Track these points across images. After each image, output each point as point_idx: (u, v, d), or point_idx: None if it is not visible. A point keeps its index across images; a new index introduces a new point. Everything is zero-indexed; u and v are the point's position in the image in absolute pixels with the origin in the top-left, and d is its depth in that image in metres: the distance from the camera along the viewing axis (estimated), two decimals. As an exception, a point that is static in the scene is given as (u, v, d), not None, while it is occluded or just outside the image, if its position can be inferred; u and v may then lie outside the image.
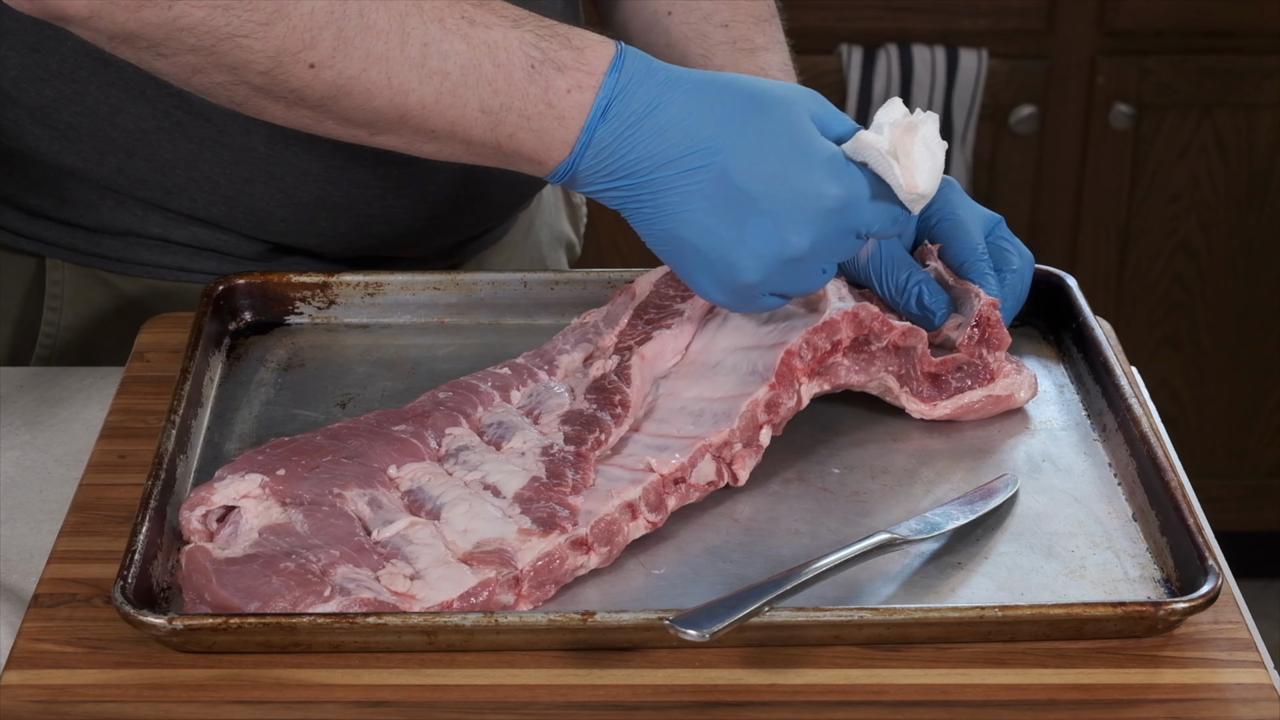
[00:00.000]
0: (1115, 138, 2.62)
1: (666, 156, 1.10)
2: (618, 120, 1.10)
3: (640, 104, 1.10)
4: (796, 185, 1.10)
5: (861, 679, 1.00)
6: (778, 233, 1.10)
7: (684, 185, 1.10)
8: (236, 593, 1.01)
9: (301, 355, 1.28)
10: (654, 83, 1.11)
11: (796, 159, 1.10)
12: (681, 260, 1.13)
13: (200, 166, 1.32)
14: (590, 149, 1.10)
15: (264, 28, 1.04)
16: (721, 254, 1.11)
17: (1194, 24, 2.58)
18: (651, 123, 1.10)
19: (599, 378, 1.17)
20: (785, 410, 1.14)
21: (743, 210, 1.10)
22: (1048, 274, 1.31)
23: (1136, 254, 2.69)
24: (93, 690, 0.99)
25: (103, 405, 1.27)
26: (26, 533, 1.16)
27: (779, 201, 1.10)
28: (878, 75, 2.55)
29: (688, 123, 1.10)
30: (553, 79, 1.09)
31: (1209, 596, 1.02)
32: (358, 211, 1.36)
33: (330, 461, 1.11)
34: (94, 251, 1.38)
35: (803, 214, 1.10)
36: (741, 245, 1.11)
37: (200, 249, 1.38)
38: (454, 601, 1.02)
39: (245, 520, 1.06)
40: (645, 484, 1.09)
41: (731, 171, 1.10)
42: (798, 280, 1.13)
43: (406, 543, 1.06)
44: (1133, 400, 1.17)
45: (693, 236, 1.11)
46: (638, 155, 1.10)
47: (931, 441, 1.20)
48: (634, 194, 1.11)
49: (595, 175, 1.12)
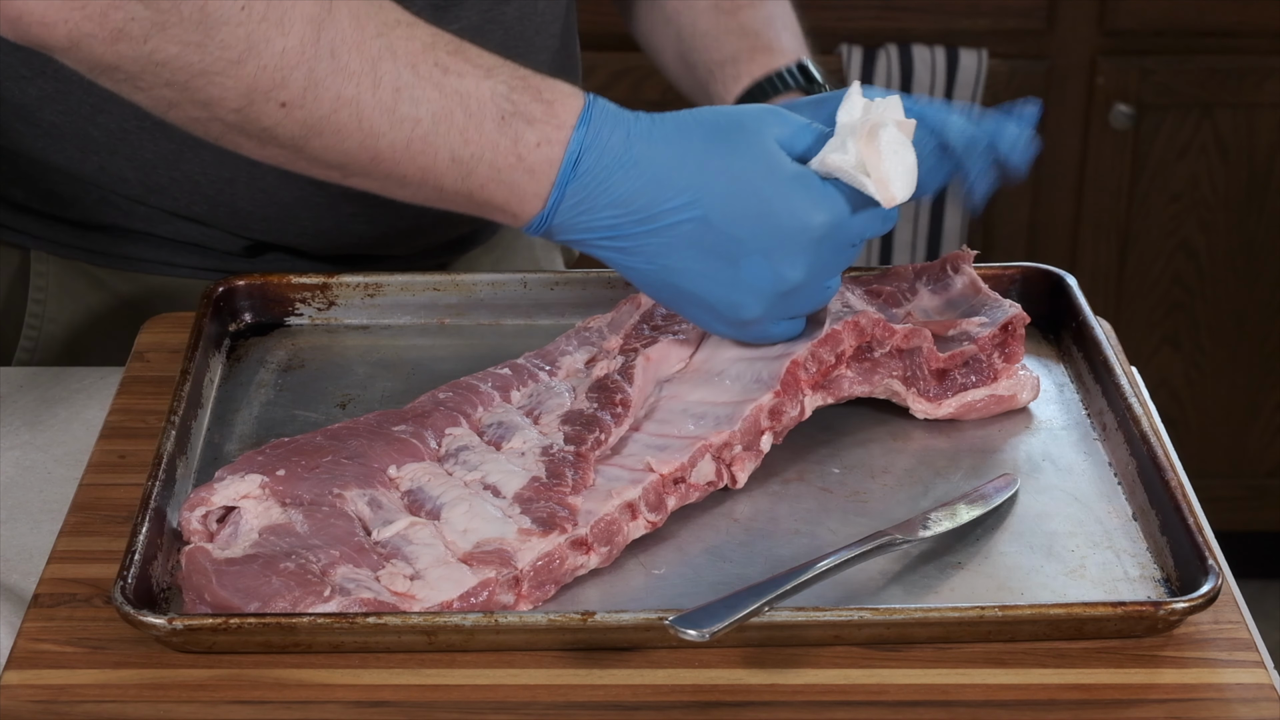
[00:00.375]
0: (1115, 138, 2.62)
1: (646, 211, 1.10)
2: (589, 176, 1.10)
3: (610, 158, 1.10)
4: (782, 220, 1.10)
5: (861, 679, 1.00)
6: (772, 268, 1.11)
7: (667, 238, 1.11)
8: (236, 593, 1.01)
9: (301, 356, 1.28)
10: (621, 134, 1.10)
11: (776, 194, 1.10)
12: (680, 304, 1.14)
13: (181, 166, 1.33)
14: (564, 204, 1.10)
15: (236, 65, 1.04)
16: (720, 295, 1.12)
17: (1194, 24, 2.58)
18: (623, 178, 1.10)
19: (602, 377, 1.17)
20: (788, 419, 1.14)
21: (733, 252, 1.11)
22: (1048, 274, 1.31)
23: (1136, 254, 2.69)
24: (93, 690, 0.99)
25: (103, 405, 1.27)
26: (26, 533, 1.16)
27: (768, 239, 1.10)
28: (878, 75, 2.55)
29: (661, 175, 1.10)
30: (522, 132, 1.09)
31: (1209, 596, 1.02)
32: (339, 211, 1.36)
33: (330, 462, 1.11)
34: (78, 245, 1.39)
35: (794, 246, 1.11)
36: (739, 285, 1.12)
37: (184, 244, 1.39)
38: (454, 601, 1.02)
39: (245, 521, 1.06)
40: (645, 484, 1.09)
41: (714, 219, 1.10)
42: (803, 303, 1.14)
43: (406, 543, 1.06)
44: (1133, 400, 1.17)
45: (687, 284, 1.12)
46: (614, 211, 1.10)
47: (931, 441, 1.20)
48: (619, 246, 1.12)
49: (574, 229, 1.12)
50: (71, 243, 1.39)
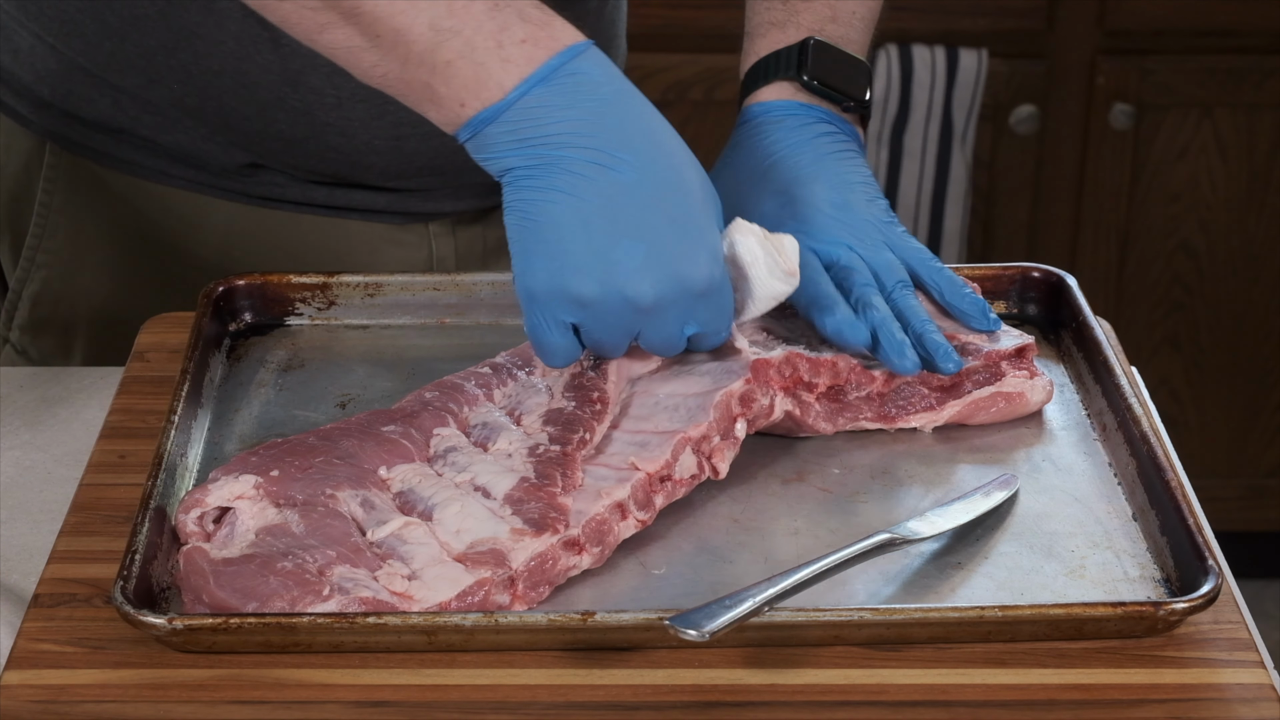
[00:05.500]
0: (1115, 138, 2.62)
1: (589, 141, 1.07)
2: (559, 87, 1.07)
3: (588, 85, 1.08)
4: (684, 240, 1.08)
5: (861, 679, 1.00)
6: (642, 265, 1.08)
7: (587, 173, 1.07)
8: (234, 593, 1.01)
9: (301, 356, 1.29)
10: (607, 75, 1.09)
11: (695, 221, 1.09)
12: (534, 238, 1.09)
13: (178, 55, 1.36)
14: (519, 104, 1.07)
15: None
16: (578, 251, 1.08)
17: (1194, 24, 2.58)
18: (590, 106, 1.08)
19: (576, 374, 1.17)
20: (759, 408, 1.14)
21: (626, 228, 1.08)
22: (1048, 274, 1.31)
23: (1136, 254, 2.69)
24: (93, 690, 0.99)
25: (103, 405, 1.27)
26: (26, 533, 1.16)
27: (662, 242, 1.08)
28: (878, 75, 2.55)
29: (623, 127, 1.08)
30: (511, 23, 1.07)
31: (1209, 596, 1.02)
32: (314, 118, 1.37)
33: (323, 462, 1.11)
34: (86, 144, 1.43)
35: (673, 268, 1.08)
36: (602, 256, 1.07)
37: (180, 158, 1.41)
38: (451, 601, 1.02)
39: (241, 521, 1.07)
40: (632, 482, 1.09)
41: (639, 191, 1.08)
42: (612, 325, 1.10)
43: (401, 543, 1.06)
44: (1133, 400, 1.17)
45: (565, 220, 1.08)
46: (562, 128, 1.07)
47: (932, 442, 1.20)
48: (535, 161, 1.08)
49: (508, 136, 1.08)
50: (82, 141, 1.43)
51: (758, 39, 1.35)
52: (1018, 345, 1.21)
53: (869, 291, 1.21)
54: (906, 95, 2.56)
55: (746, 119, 1.31)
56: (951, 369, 1.19)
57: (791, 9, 1.35)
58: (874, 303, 1.20)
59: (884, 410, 1.19)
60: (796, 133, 1.29)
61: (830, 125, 1.30)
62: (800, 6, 1.35)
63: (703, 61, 2.54)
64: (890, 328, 1.19)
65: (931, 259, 1.25)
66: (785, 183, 1.26)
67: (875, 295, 1.21)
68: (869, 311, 1.20)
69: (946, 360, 1.19)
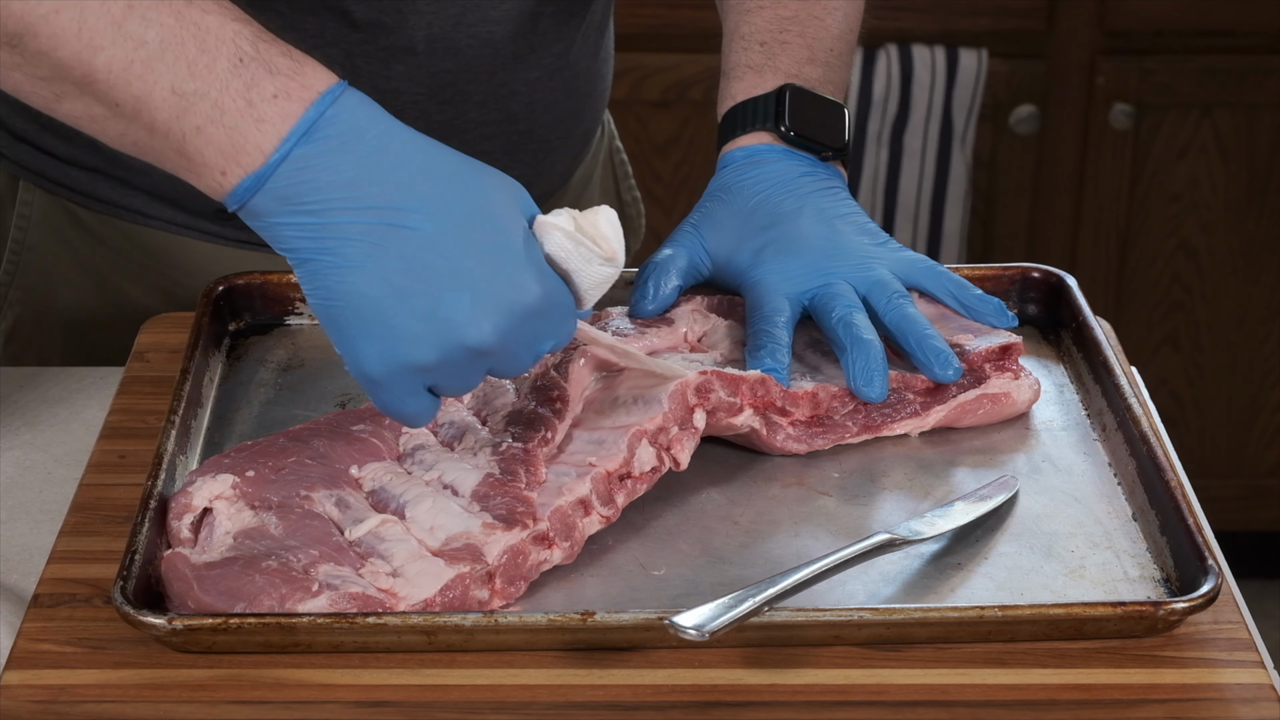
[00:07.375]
0: (1115, 138, 2.62)
1: (370, 200, 1.00)
2: (324, 143, 1.00)
3: (352, 133, 1.00)
4: (505, 271, 1.01)
5: (861, 679, 1.00)
6: (473, 313, 1.01)
7: (379, 238, 1.00)
8: (220, 595, 1.01)
9: (301, 356, 1.29)
10: (373, 117, 1.02)
11: (509, 245, 1.02)
12: (349, 321, 1.02)
13: None
14: (284, 167, 1.00)
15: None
16: (402, 322, 1.01)
17: (1194, 24, 2.58)
18: (359, 156, 1.00)
19: (539, 374, 1.17)
20: (716, 400, 1.14)
21: (442, 282, 1.00)
22: (1048, 274, 1.31)
23: (1136, 254, 2.69)
24: (93, 690, 0.99)
25: (103, 405, 1.27)
26: (26, 533, 1.16)
27: (483, 282, 1.01)
28: (878, 75, 2.55)
29: (400, 172, 1.01)
30: (259, 78, 1.00)
31: (1209, 596, 1.02)
32: None
33: (295, 463, 1.11)
34: (62, 181, 1.41)
35: (504, 302, 1.01)
36: (430, 318, 1.01)
37: (158, 196, 1.40)
38: (435, 596, 1.02)
39: (219, 524, 1.06)
40: (591, 477, 1.09)
41: (442, 240, 1.00)
42: (463, 376, 1.04)
43: (380, 540, 1.06)
44: (1133, 400, 1.17)
45: (376, 293, 1.00)
46: (336, 192, 1.00)
47: (931, 444, 1.20)
48: (317, 235, 1.01)
49: (280, 204, 1.01)
50: (58, 179, 1.41)
51: (734, 81, 1.33)
52: (1002, 344, 1.21)
53: (850, 312, 1.20)
54: (906, 95, 2.56)
55: (727, 163, 1.30)
56: (951, 376, 1.19)
57: (769, 52, 1.33)
58: (855, 322, 1.19)
59: (869, 421, 1.19)
60: (779, 173, 1.28)
61: (812, 167, 1.29)
62: (777, 49, 1.33)
63: (703, 61, 2.54)
64: (860, 351, 1.18)
65: (934, 267, 1.25)
66: (771, 220, 1.26)
67: (857, 315, 1.20)
68: (850, 330, 1.19)
69: (946, 367, 1.19)
